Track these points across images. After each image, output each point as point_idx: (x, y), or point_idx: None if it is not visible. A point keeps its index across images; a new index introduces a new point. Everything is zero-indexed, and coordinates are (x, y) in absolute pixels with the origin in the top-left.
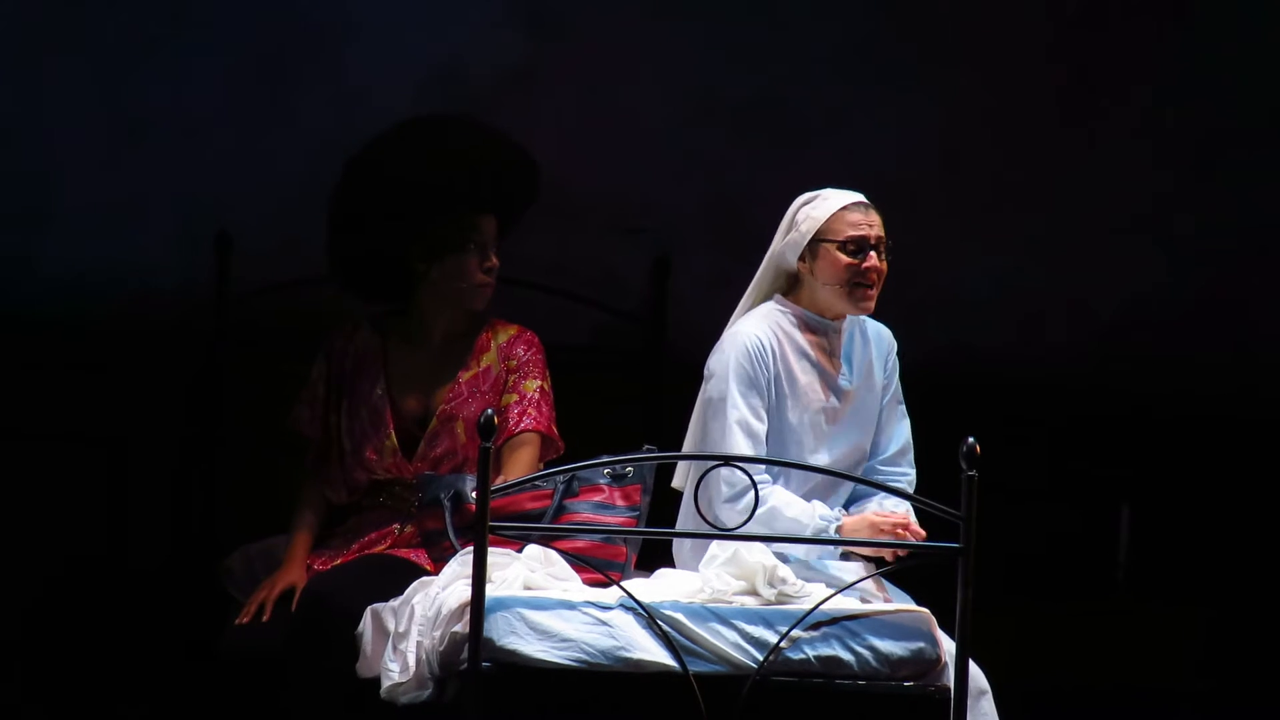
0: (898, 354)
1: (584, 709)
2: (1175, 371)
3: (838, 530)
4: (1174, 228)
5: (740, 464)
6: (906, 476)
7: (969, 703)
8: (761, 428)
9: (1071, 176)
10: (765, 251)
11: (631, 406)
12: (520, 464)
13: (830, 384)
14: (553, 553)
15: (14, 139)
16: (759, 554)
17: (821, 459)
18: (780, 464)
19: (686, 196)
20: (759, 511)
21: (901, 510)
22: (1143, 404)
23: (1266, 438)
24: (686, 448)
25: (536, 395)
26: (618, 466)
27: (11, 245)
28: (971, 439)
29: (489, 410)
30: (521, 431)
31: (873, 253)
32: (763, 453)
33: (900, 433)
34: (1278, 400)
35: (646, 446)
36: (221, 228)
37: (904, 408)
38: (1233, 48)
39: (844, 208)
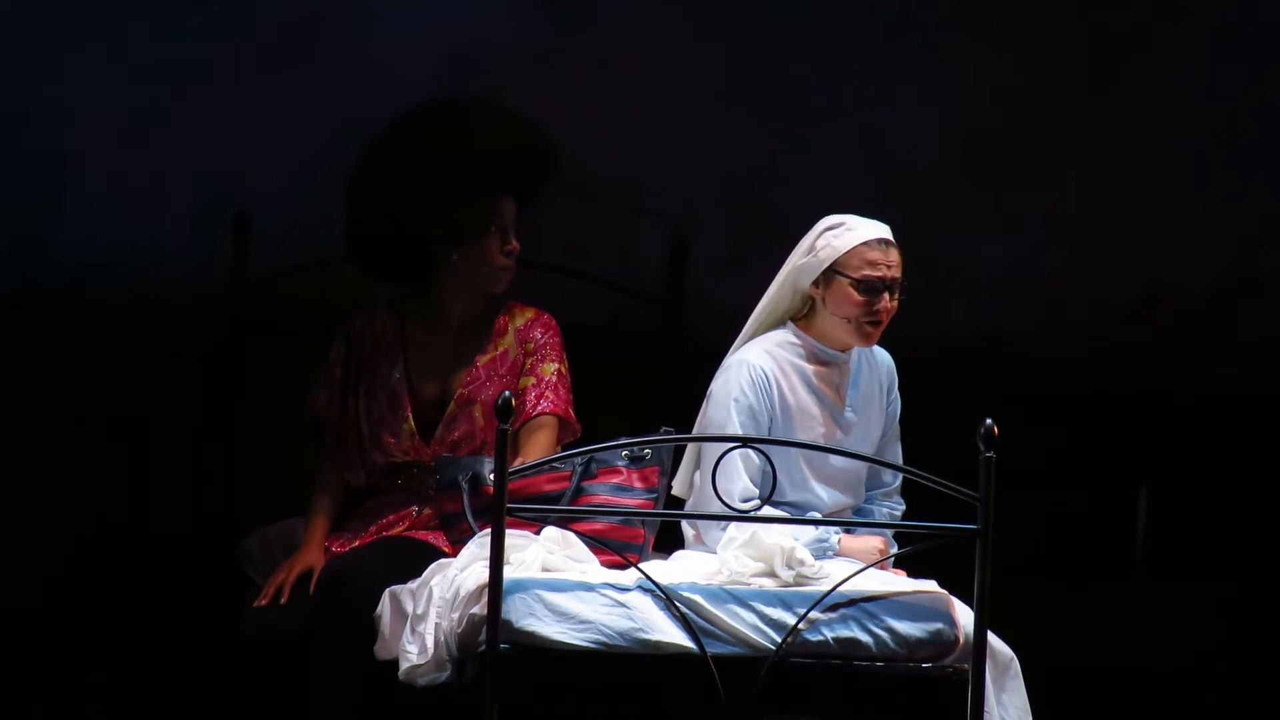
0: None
1: (602, 690)
2: (1195, 353)
3: (839, 544)
4: (1195, 209)
5: (757, 446)
6: (900, 509)
7: (999, 678)
8: (760, 457)
9: (1093, 158)
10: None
11: (649, 388)
12: (538, 446)
13: (835, 417)
14: (571, 535)
15: (31, 120)
16: (777, 536)
17: (821, 491)
18: (798, 445)
19: (704, 178)
20: (753, 531)
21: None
22: (1162, 385)
23: None
24: (686, 467)
25: (554, 378)
26: (635, 448)
27: (30, 227)
28: (989, 420)
29: (506, 392)
30: (539, 414)
31: (885, 293)
32: (753, 490)
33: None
34: None
35: (664, 428)
36: (240, 209)
37: (899, 444)
38: (1254, 27)
39: (865, 243)
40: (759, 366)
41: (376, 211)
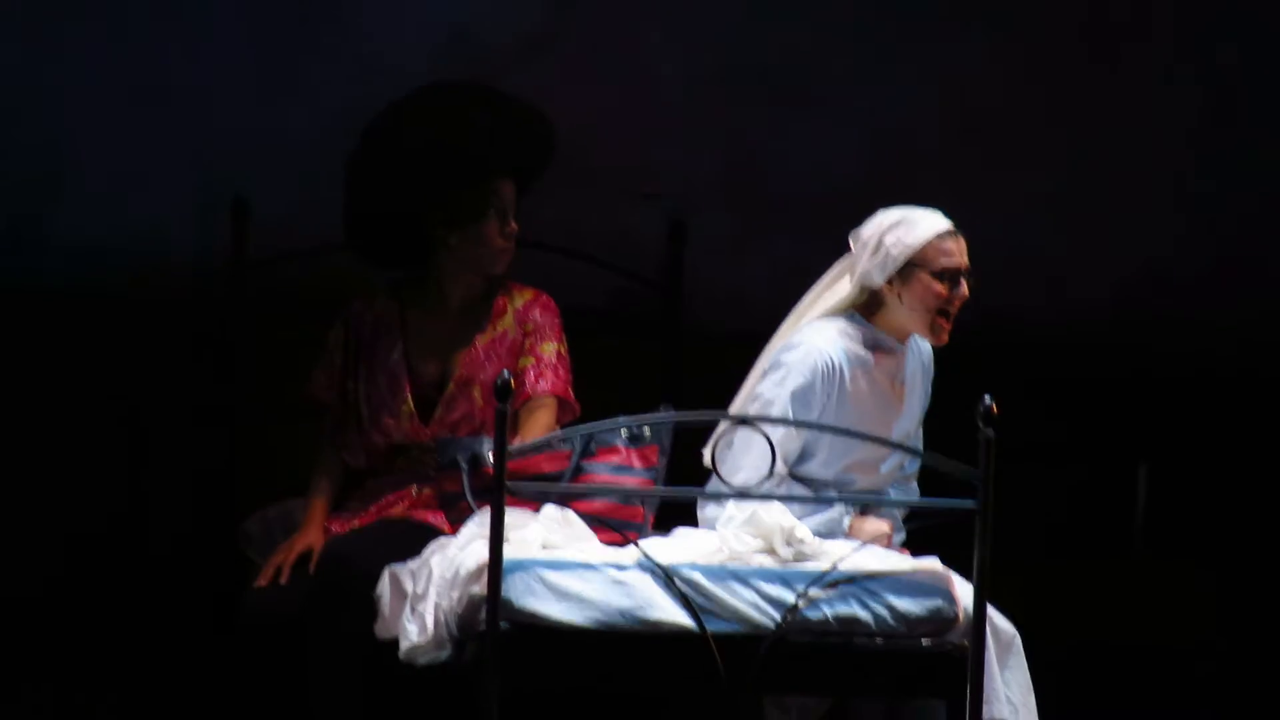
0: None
1: (601, 669)
2: (1194, 330)
3: (849, 528)
4: (1193, 186)
5: (761, 428)
6: (915, 494)
7: (1001, 656)
8: (796, 448)
9: (1092, 139)
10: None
11: (648, 369)
12: (537, 426)
13: (886, 409)
14: (570, 513)
15: (29, 105)
16: (777, 514)
17: (858, 477)
18: (802, 425)
19: (703, 159)
20: (753, 509)
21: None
22: (1161, 362)
23: None
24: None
25: (553, 358)
26: (634, 428)
27: (27, 212)
28: (988, 398)
29: (505, 373)
30: (538, 395)
31: (963, 280)
32: (783, 469)
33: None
34: None
35: (663, 407)
36: (238, 194)
37: (920, 430)
38: (1251, 7)
39: (938, 234)
40: (828, 354)
41: (375, 195)
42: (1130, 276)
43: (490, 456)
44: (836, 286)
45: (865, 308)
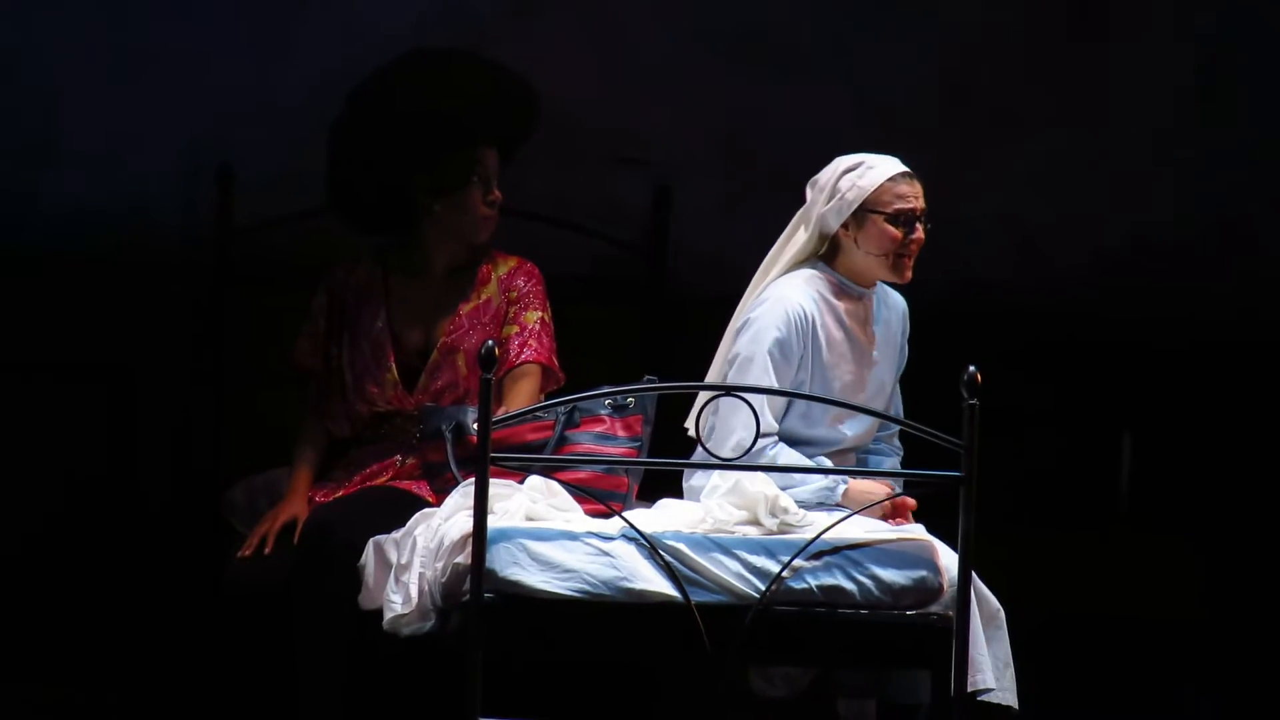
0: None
1: (586, 639)
2: (1178, 299)
3: (843, 494)
4: (1179, 155)
5: (744, 396)
6: (900, 454)
7: (985, 627)
8: (783, 401)
9: (1077, 104)
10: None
11: (632, 337)
12: (521, 395)
13: (861, 354)
14: (554, 484)
15: (16, 71)
16: (761, 484)
17: (846, 429)
18: (787, 394)
19: (689, 127)
20: (737, 479)
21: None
22: (1146, 331)
23: (1270, 365)
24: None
25: (537, 327)
26: (619, 397)
27: (14, 179)
28: (973, 367)
29: (490, 341)
30: (522, 363)
31: (918, 224)
32: (774, 425)
33: (899, 410)
34: None
35: (647, 377)
36: (224, 161)
37: (899, 389)
38: None
39: (890, 178)
40: (799, 304)
41: (359, 162)
42: (1115, 244)
43: (474, 426)
44: (795, 237)
45: (826, 256)
